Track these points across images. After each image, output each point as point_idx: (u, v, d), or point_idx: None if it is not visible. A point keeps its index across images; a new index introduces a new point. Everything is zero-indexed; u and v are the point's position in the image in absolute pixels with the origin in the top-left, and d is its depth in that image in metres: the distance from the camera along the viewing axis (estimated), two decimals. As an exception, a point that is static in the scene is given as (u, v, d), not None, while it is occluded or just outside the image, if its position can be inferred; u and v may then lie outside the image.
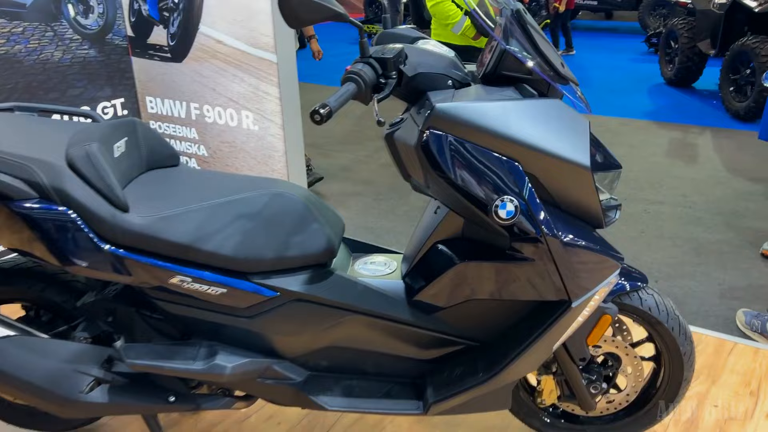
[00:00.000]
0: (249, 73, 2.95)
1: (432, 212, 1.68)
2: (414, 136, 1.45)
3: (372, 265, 1.79)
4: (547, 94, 1.52)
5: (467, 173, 1.41)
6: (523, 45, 1.48)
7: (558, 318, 1.53)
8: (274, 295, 1.61)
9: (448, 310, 1.62)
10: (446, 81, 1.50)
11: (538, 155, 1.41)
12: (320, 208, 1.70)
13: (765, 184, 4.27)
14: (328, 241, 1.63)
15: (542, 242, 1.44)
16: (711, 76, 7.05)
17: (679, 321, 1.74)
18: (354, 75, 1.35)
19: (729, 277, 3.11)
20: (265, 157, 3.07)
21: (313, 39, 4.41)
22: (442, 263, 1.59)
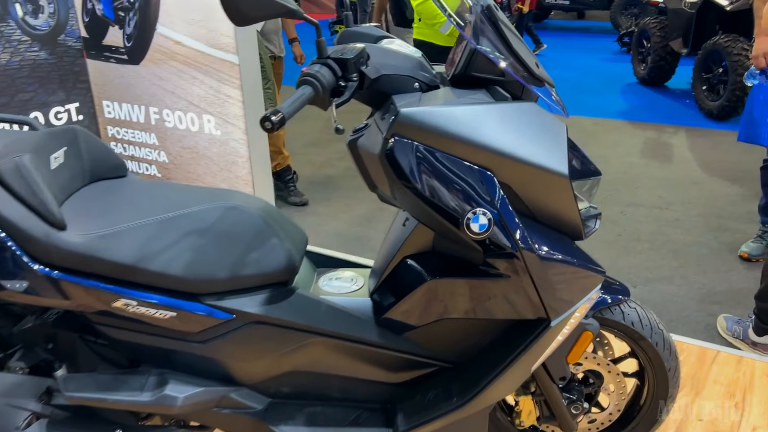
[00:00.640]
0: (209, 75, 2.80)
1: (400, 224, 1.57)
2: (378, 143, 1.33)
3: (337, 282, 1.67)
4: (521, 96, 1.41)
5: (436, 184, 1.29)
6: (495, 44, 1.37)
7: (536, 338, 1.42)
8: (229, 317, 1.48)
9: (419, 330, 1.50)
10: (412, 83, 1.38)
11: (512, 163, 1.30)
12: (279, 221, 1.57)
13: (740, 184, 4.23)
14: (288, 258, 1.51)
15: (518, 257, 1.33)
16: (684, 75, 7.05)
17: (663, 335, 1.65)
18: (310, 77, 1.23)
19: (708, 280, 3.04)
20: (229, 164, 2.92)
21: (295, 42, 4.27)
22: (412, 280, 1.47)
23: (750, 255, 3.21)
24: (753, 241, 3.25)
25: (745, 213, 3.76)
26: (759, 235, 3.24)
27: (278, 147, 3.94)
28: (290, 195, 4.09)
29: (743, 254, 3.23)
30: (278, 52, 4.13)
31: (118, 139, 3.24)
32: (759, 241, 3.23)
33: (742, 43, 5.38)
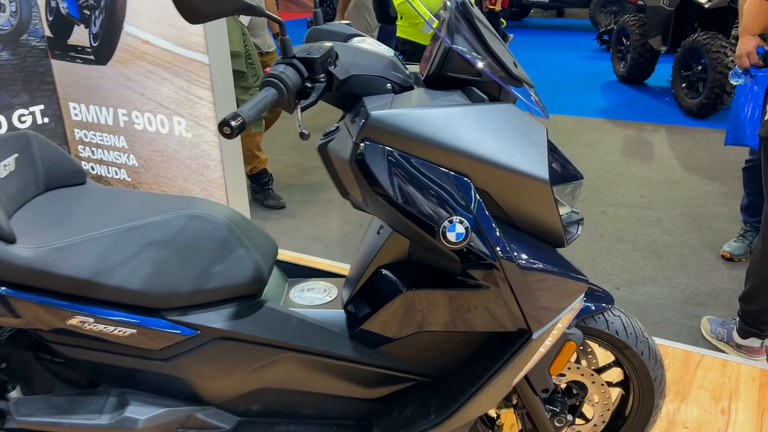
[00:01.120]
0: (179, 75, 2.70)
1: (375, 232, 1.49)
2: (348, 148, 1.25)
3: (310, 293, 1.59)
4: (498, 97, 1.34)
5: (409, 191, 1.22)
6: (471, 43, 1.29)
7: (518, 350, 1.36)
8: (194, 333, 1.40)
9: (395, 343, 1.43)
10: (384, 84, 1.31)
11: (490, 169, 1.23)
12: (247, 229, 1.49)
13: (721, 182, 4.21)
14: (256, 269, 1.43)
15: (497, 267, 1.27)
16: (663, 72, 7.04)
17: (648, 344, 1.59)
18: (273, 79, 1.15)
19: (691, 281, 3.00)
20: (201, 167, 2.83)
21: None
22: (387, 291, 1.40)
23: (732, 255, 3.18)
24: (735, 241, 3.22)
25: (726, 212, 3.74)
26: (741, 234, 3.21)
27: (252, 150, 3.84)
28: (267, 198, 3.99)
29: (725, 254, 3.20)
30: (265, 47, 4.03)
31: (86, 142, 3.13)
32: (741, 241, 3.20)
33: (720, 40, 5.37)
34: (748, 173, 3.02)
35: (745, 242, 3.18)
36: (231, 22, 3.41)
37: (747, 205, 3.12)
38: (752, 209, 3.10)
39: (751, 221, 3.13)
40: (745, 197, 3.12)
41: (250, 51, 3.52)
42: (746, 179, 3.05)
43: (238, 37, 3.46)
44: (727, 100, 5.44)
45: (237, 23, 3.47)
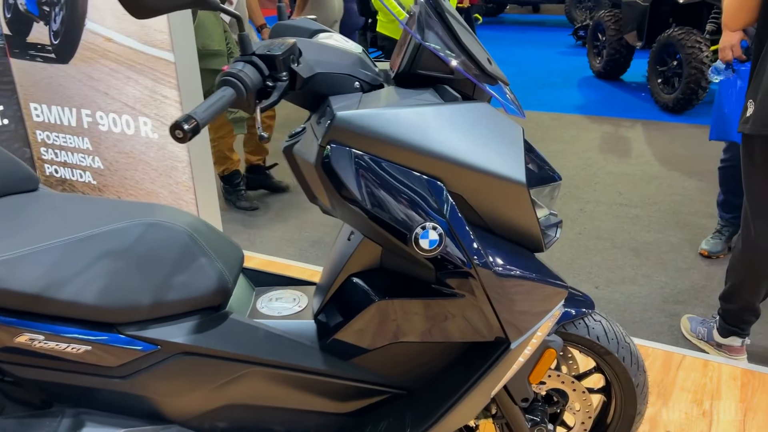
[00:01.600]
0: (144, 74, 2.61)
1: (345, 238, 1.42)
2: (313, 150, 1.18)
3: (278, 303, 1.51)
4: (472, 96, 1.27)
5: (379, 197, 1.15)
6: (443, 39, 1.23)
7: (496, 361, 1.30)
8: (154, 348, 1.31)
9: (368, 355, 1.36)
10: (352, 83, 1.24)
11: (464, 172, 1.17)
12: (210, 237, 1.41)
13: (698, 178, 4.21)
14: (220, 279, 1.35)
15: (473, 275, 1.20)
16: (639, 68, 7.06)
17: (630, 349, 1.54)
18: (232, 77, 1.07)
19: (670, 279, 2.98)
20: (168, 168, 2.73)
21: (265, 29, 3.96)
22: (358, 300, 1.33)
23: (710, 252, 3.15)
24: (712, 237, 3.19)
25: (704, 208, 3.73)
26: (717, 230, 3.19)
27: (224, 152, 3.74)
28: (239, 200, 3.89)
29: (703, 252, 3.18)
30: None
31: (49, 144, 3.01)
32: (718, 237, 3.17)
33: (695, 35, 5.38)
34: (724, 172, 3.00)
35: (721, 238, 3.16)
36: (213, 19, 3.29)
37: (723, 201, 3.10)
38: (728, 205, 3.08)
39: (727, 217, 3.11)
40: (721, 194, 3.10)
41: (232, 49, 3.41)
42: (722, 178, 3.03)
43: (219, 35, 3.35)
44: (702, 95, 5.46)
45: (218, 21, 3.34)
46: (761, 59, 1.92)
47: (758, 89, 1.91)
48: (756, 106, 1.92)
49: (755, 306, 2.25)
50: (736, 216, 3.09)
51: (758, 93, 1.90)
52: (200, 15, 3.23)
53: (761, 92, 1.89)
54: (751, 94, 1.95)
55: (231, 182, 3.88)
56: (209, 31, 3.27)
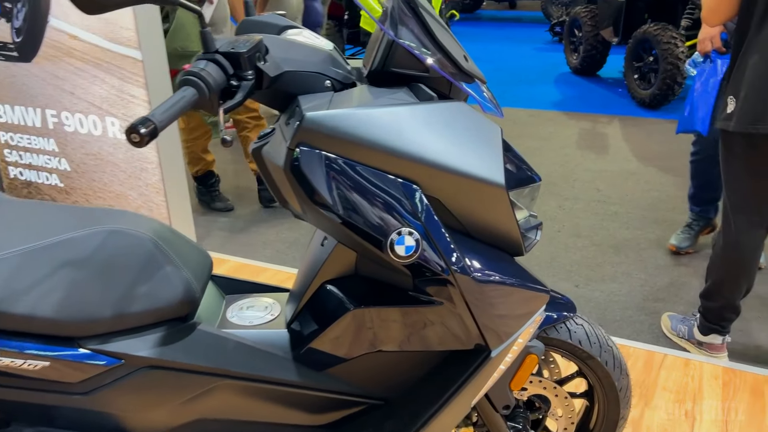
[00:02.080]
0: (111, 73, 2.52)
1: (318, 244, 1.36)
2: (282, 153, 1.12)
3: (249, 311, 1.45)
4: (448, 95, 1.22)
5: (352, 201, 1.09)
6: (417, 35, 1.17)
7: (476, 370, 1.25)
8: (117, 363, 1.24)
9: (344, 365, 1.31)
10: (322, 81, 1.18)
11: (440, 174, 1.11)
12: (176, 244, 1.34)
13: (674, 173, 4.21)
14: (186, 288, 1.28)
15: (451, 282, 1.15)
16: (615, 63, 7.08)
17: (612, 353, 1.50)
18: (193, 77, 1.01)
19: (650, 276, 2.96)
20: (137, 170, 2.65)
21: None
22: (333, 309, 1.27)
23: (678, 247, 3.13)
24: (681, 232, 3.17)
25: (681, 204, 3.71)
26: (687, 225, 3.16)
27: (197, 153, 3.65)
28: (214, 200, 3.81)
29: (671, 247, 3.16)
30: None
31: (13, 146, 2.91)
32: (687, 231, 3.15)
33: (671, 31, 5.40)
34: (695, 166, 2.99)
35: (690, 233, 3.13)
36: (192, 20, 3.20)
37: (693, 195, 3.08)
38: (698, 199, 3.06)
39: (697, 210, 3.10)
40: (691, 188, 3.08)
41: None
42: (693, 172, 3.01)
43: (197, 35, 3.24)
44: (678, 90, 5.48)
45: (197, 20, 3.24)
46: (742, 55, 1.89)
47: (740, 86, 1.88)
48: (740, 103, 1.89)
49: (736, 304, 2.23)
50: (705, 210, 3.07)
51: (741, 90, 1.88)
52: (179, 16, 3.14)
53: (745, 89, 1.87)
54: (732, 90, 1.93)
55: (205, 183, 3.79)
56: (188, 32, 3.18)
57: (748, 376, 2.14)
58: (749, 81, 1.86)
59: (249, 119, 3.56)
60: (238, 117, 3.59)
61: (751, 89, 1.85)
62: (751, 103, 1.86)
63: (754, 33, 1.84)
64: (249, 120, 3.56)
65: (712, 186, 2.97)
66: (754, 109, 1.86)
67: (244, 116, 3.56)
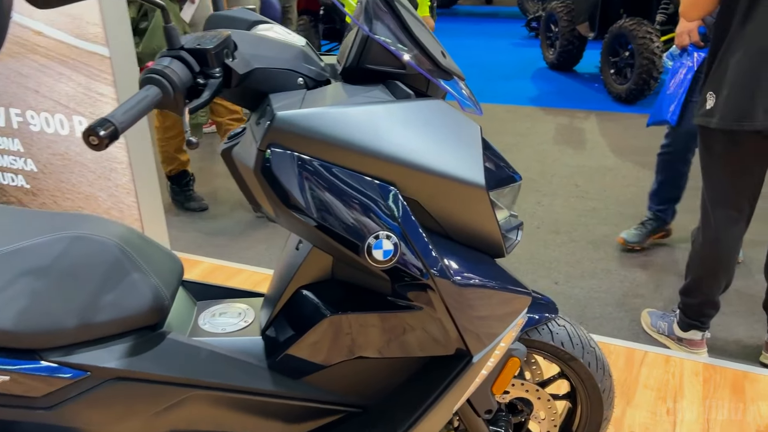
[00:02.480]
0: (77, 70, 2.44)
1: (293, 248, 1.31)
2: (252, 154, 1.07)
3: (222, 318, 1.39)
4: (426, 92, 1.18)
5: (327, 205, 1.04)
6: (393, 30, 1.13)
7: (458, 375, 1.22)
8: (83, 375, 1.19)
9: (320, 373, 1.26)
10: (295, 79, 1.13)
11: (419, 175, 1.07)
12: (143, 250, 1.28)
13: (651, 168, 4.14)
14: (155, 295, 1.23)
15: (430, 286, 1.11)
16: (591, 58, 7.10)
17: (595, 353, 1.48)
18: (156, 75, 0.95)
19: (629, 272, 2.96)
20: (107, 170, 2.57)
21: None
22: (309, 315, 1.22)
23: (627, 241, 3.12)
24: (634, 228, 3.15)
25: (658, 198, 3.73)
26: (641, 222, 3.14)
27: (170, 152, 3.57)
28: (188, 200, 3.73)
29: (620, 240, 3.15)
30: None
31: (-24, 146, 2.81)
32: (639, 228, 3.13)
33: (646, 26, 5.42)
34: (663, 159, 2.98)
35: (642, 230, 3.11)
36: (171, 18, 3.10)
37: (655, 191, 3.06)
38: (659, 197, 3.04)
39: (655, 209, 3.08)
40: (655, 183, 3.05)
41: None
42: (659, 165, 3.00)
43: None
44: (654, 85, 5.51)
45: (177, 20, 3.15)
46: (723, 51, 1.87)
47: (722, 82, 1.87)
48: (723, 99, 1.87)
49: (715, 299, 2.23)
50: (663, 211, 3.05)
51: (723, 86, 1.86)
52: (158, 15, 3.04)
53: (728, 86, 1.85)
54: (712, 86, 1.91)
55: (179, 182, 3.71)
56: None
57: (729, 372, 2.13)
58: (733, 78, 1.84)
59: (231, 121, 3.48)
60: (219, 119, 3.51)
61: (735, 86, 1.84)
62: (735, 100, 1.84)
63: (737, 29, 1.82)
64: (231, 122, 3.47)
65: (676, 183, 2.96)
66: (739, 106, 1.84)
67: (225, 118, 3.47)
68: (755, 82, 1.82)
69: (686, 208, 3.05)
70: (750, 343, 2.39)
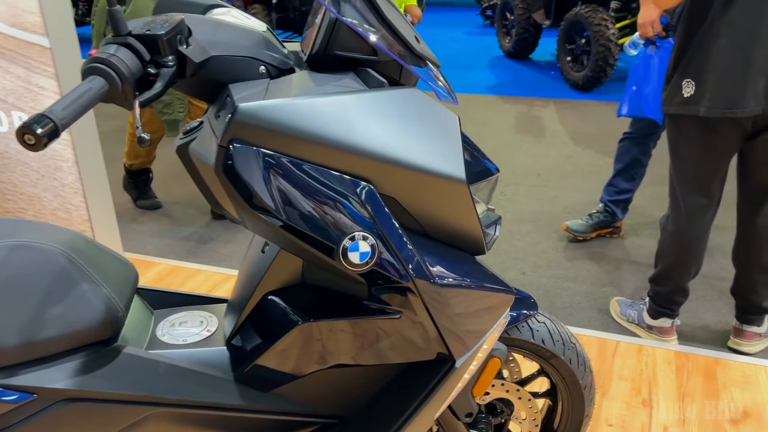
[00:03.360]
0: (15, 62, 2.27)
1: (258, 251, 1.22)
2: (212, 151, 0.97)
3: (182, 328, 1.29)
4: (399, 80, 1.10)
5: (297, 205, 0.96)
6: (363, 13, 1.04)
7: (440, 382, 1.14)
8: (29, 398, 1.07)
9: (291, 384, 1.17)
10: (256, 67, 1.03)
11: (396, 170, 0.99)
12: (93, 257, 1.17)
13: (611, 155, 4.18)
14: (108, 306, 1.12)
15: (411, 289, 1.04)
16: (547, 46, 7.13)
17: (576, 350, 1.43)
18: (101, 65, 0.85)
19: (595, 261, 2.94)
20: (51, 169, 2.41)
21: None
22: (278, 323, 1.13)
23: (569, 228, 3.10)
24: (582, 218, 3.13)
25: (620, 185, 3.74)
26: (589, 214, 3.12)
27: (139, 149, 3.37)
28: (141, 197, 3.57)
29: (563, 226, 3.13)
30: None
31: None
32: (586, 220, 3.10)
33: (601, 13, 5.44)
34: (625, 144, 2.96)
35: (589, 222, 3.09)
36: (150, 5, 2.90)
37: (610, 182, 3.03)
38: (613, 187, 3.02)
39: (607, 200, 3.05)
40: (613, 171, 3.03)
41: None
42: (620, 151, 2.99)
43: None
44: (610, 72, 5.54)
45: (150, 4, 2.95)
46: (702, 36, 1.82)
47: (703, 69, 1.82)
48: (710, 86, 1.81)
49: (685, 287, 2.22)
50: (614, 204, 3.02)
51: (705, 73, 1.81)
52: (134, 2, 2.85)
53: (714, 72, 1.80)
54: (689, 73, 1.86)
55: (137, 177, 3.52)
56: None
57: (700, 359, 2.13)
58: (719, 64, 1.78)
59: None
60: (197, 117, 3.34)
61: (723, 73, 1.79)
62: (726, 86, 1.80)
63: (720, 15, 1.77)
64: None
65: (633, 173, 2.95)
66: (729, 93, 1.80)
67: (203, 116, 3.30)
68: (746, 66, 1.78)
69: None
70: (717, 329, 2.40)
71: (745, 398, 1.94)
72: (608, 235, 3.13)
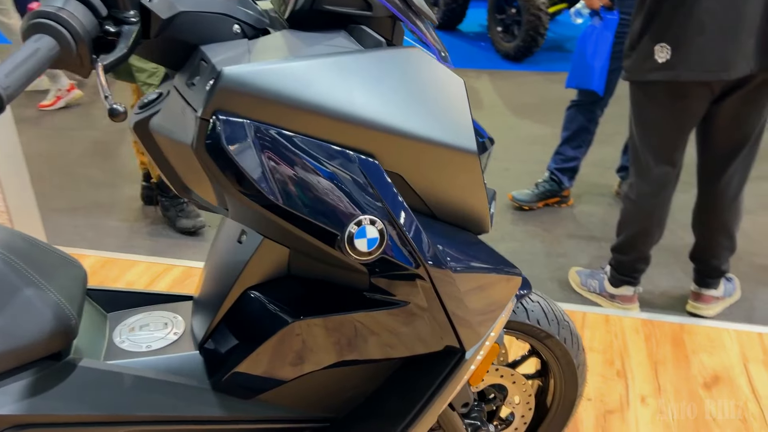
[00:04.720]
0: None
1: (233, 241, 1.06)
2: (189, 126, 0.81)
3: (144, 332, 1.13)
4: (391, 40, 0.97)
5: (296, 188, 0.81)
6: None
7: (449, 375, 1.04)
8: (-32, 428, 0.90)
9: (278, 390, 1.04)
10: (230, 26, 0.88)
11: (403, 143, 0.87)
12: (34, 257, 1.00)
13: (551, 125, 4.21)
14: (57, 314, 0.95)
15: (421, 275, 0.92)
16: (476, 17, 7.07)
17: (570, 328, 1.37)
18: (48, 20, 0.68)
19: (548, 231, 2.92)
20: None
21: None
22: (264, 322, 1.00)
23: (514, 198, 3.09)
24: (528, 188, 3.12)
25: (562, 154, 3.74)
26: (536, 183, 3.10)
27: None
28: (179, 217, 2.85)
29: (509, 195, 3.12)
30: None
31: None
32: (532, 189, 3.09)
33: (531, -18, 5.41)
34: (573, 111, 2.93)
35: (535, 191, 3.08)
36: None
37: (557, 150, 3.02)
38: (561, 155, 3.01)
39: (553, 168, 3.04)
40: (561, 139, 3.01)
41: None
42: (568, 118, 2.96)
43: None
44: (541, 41, 5.54)
45: None
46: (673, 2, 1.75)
47: (683, 32, 1.75)
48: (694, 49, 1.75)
49: (647, 255, 2.21)
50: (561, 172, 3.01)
51: (686, 35, 1.75)
52: None
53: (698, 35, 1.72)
54: (666, 38, 1.78)
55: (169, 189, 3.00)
56: None
57: (666, 326, 2.13)
58: (707, 27, 1.72)
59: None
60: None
61: (713, 36, 1.72)
62: (715, 50, 1.74)
63: None
64: None
65: (580, 140, 2.93)
66: (719, 55, 1.74)
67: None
68: (740, 26, 1.72)
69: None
70: (675, 294, 2.41)
71: (714, 362, 1.95)
72: (557, 204, 3.12)
